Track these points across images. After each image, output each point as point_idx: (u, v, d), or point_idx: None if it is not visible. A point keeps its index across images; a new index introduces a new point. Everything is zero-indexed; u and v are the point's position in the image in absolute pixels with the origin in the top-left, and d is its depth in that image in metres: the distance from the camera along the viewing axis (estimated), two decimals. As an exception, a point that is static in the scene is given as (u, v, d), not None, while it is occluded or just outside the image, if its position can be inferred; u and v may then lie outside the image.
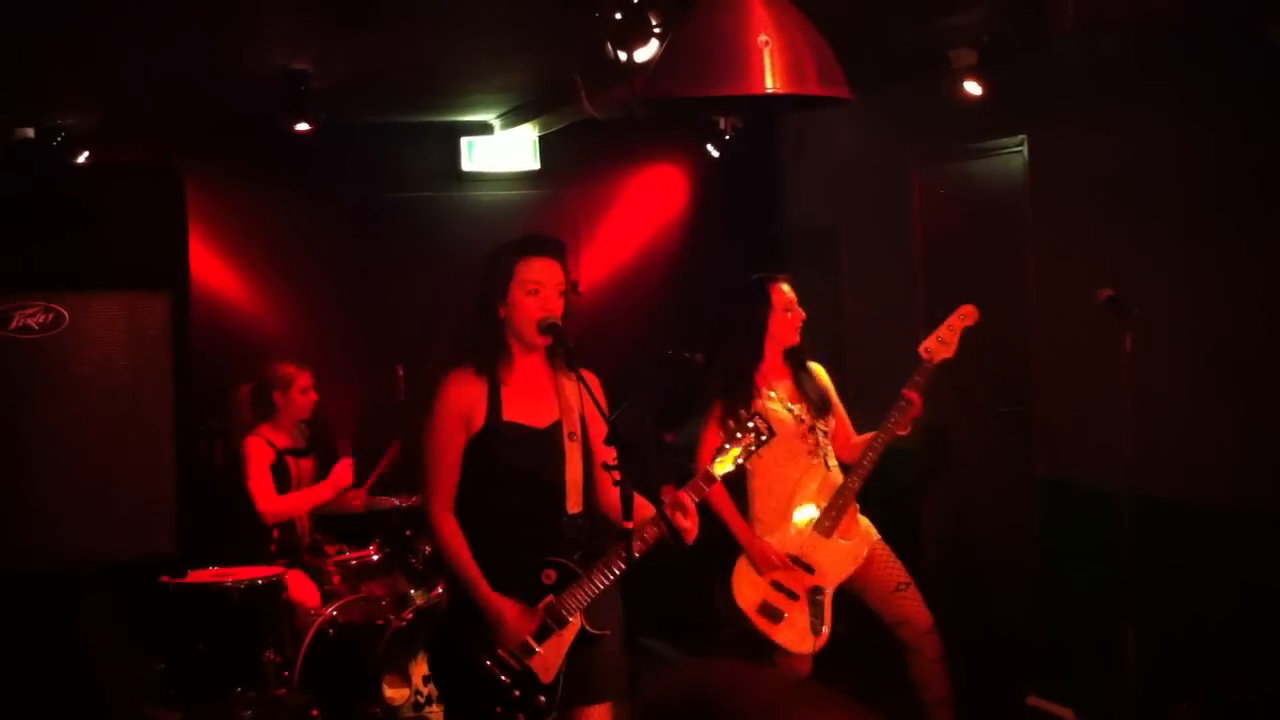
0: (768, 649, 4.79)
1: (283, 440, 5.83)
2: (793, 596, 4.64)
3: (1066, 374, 5.63)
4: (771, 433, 3.75)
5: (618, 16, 3.38)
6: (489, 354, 3.71)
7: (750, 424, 3.72)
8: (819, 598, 4.64)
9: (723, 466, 3.71)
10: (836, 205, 7.30)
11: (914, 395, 4.60)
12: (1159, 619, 4.64)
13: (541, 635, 3.66)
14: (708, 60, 2.60)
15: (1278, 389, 4.67)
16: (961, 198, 6.39)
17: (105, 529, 4.01)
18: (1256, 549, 4.72)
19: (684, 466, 6.26)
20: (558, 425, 3.74)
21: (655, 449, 6.93)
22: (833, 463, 4.78)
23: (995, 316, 6.11)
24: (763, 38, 2.52)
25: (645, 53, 3.37)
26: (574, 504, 3.74)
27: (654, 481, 6.37)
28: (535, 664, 3.67)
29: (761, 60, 2.52)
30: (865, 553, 4.71)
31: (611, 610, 3.79)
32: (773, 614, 4.64)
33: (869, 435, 4.75)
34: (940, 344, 4.65)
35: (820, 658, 4.69)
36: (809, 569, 4.65)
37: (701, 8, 2.69)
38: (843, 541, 4.69)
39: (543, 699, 3.67)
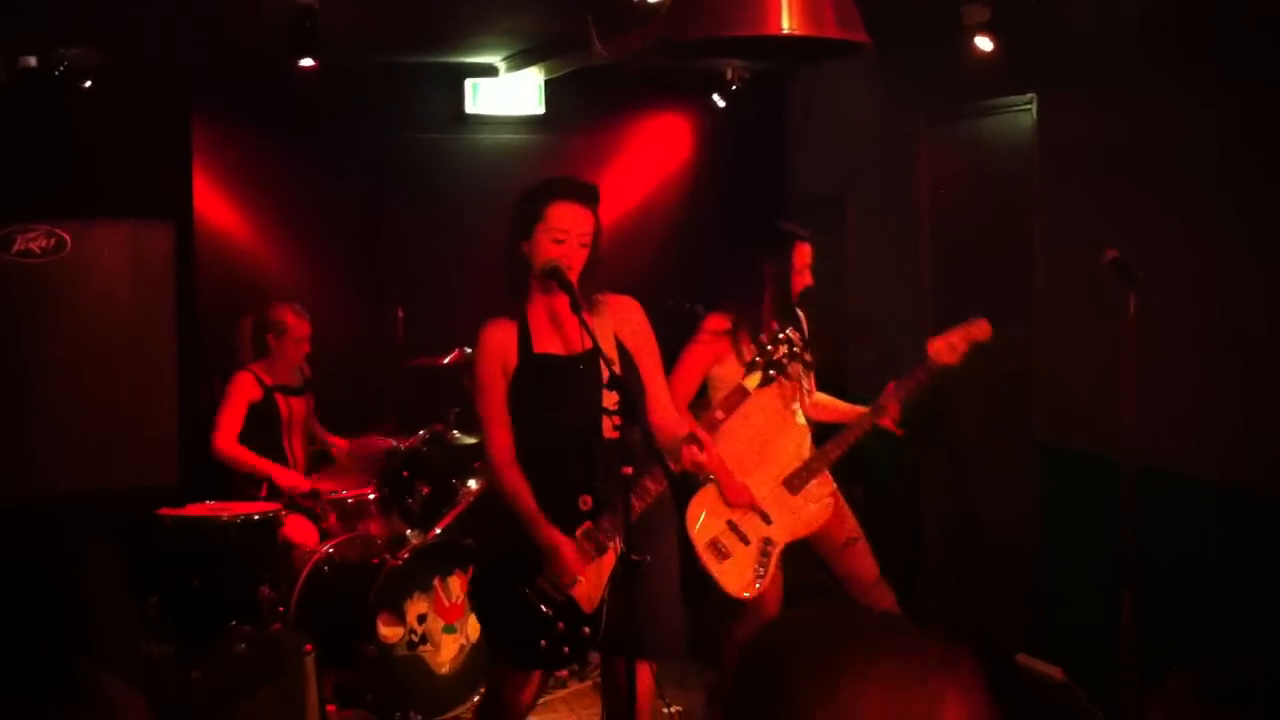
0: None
1: (275, 378, 5.85)
2: (744, 541, 4.66)
3: (1071, 338, 5.62)
4: (804, 346, 3.75)
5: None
6: (516, 292, 3.75)
7: (782, 337, 3.68)
8: (769, 549, 4.66)
9: (754, 380, 3.71)
10: (844, 165, 7.27)
11: (893, 407, 4.64)
12: (1156, 587, 4.66)
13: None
14: (723, 1, 2.58)
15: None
16: (969, 157, 6.36)
17: (106, 457, 3.99)
18: (1256, 520, 4.73)
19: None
20: (591, 353, 3.67)
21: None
22: (804, 419, 4.80)
23: (1001, 278, 6.13)
24: (781, -22, 2.51)
25: (659, -6, 3.34)
26: (610, 429, 3.72)
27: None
28: (578, 594, 3.71)
29: (779, 1, 2.50)
30: (824, 519, 4.74)
31: (660, 540, 3.81)
32: (720, 552, 4.66)
33: (834, 402, 4.81)
34: (949, 348, 4.65)
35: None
36: (766, 519, 4.68)
37: (718, -50, 2.66)
38: (806, 503, 4.71)
39: (587, 630, 3.71)
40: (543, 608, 3.68)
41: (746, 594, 4.62)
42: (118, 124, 4.25)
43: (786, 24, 2.49)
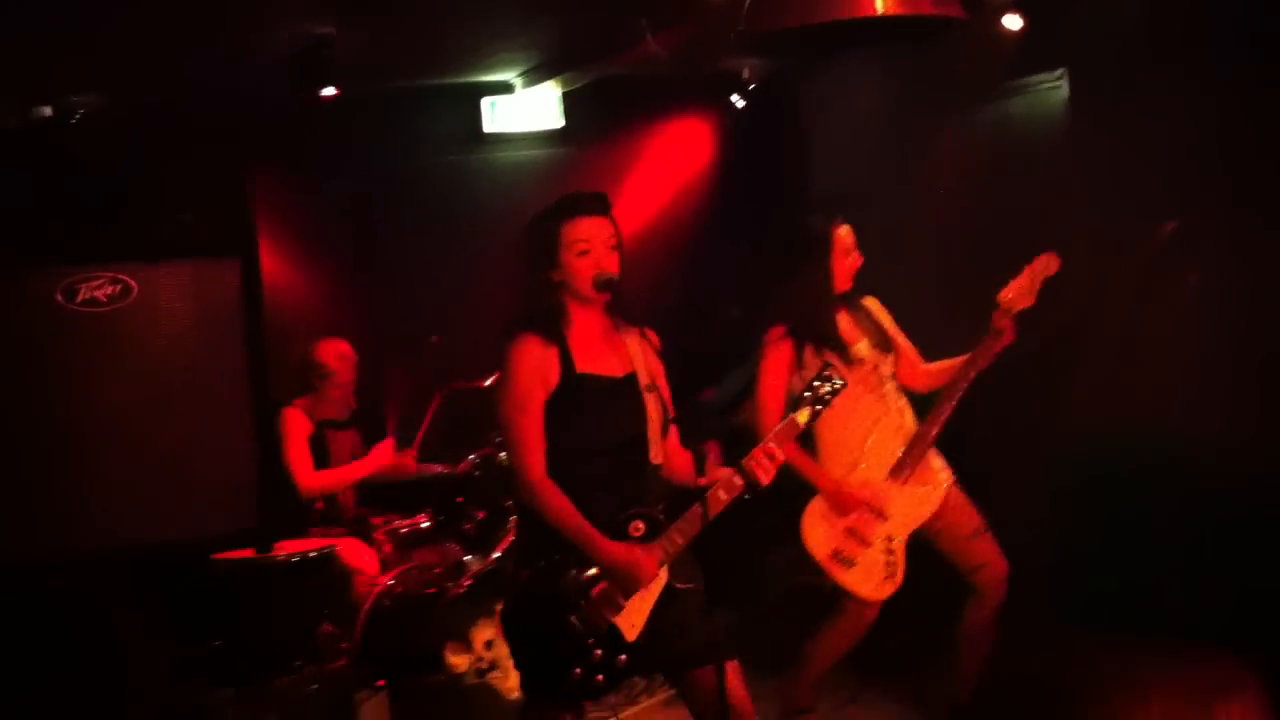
0: (830, 599, 4.75)
1: (322, 412, 5.79)
2: (865, 543, 4.59)
3: (1111, 319, 5.52)
4: (844, 383, 3.73)
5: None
6: (550, 319, 3.67)
7: (825, 373, 3.72)
8: (892, 545, 4.59)
9: (805, 415, 3.68)
10: (868, 156, 7.18)
11: (1006, 324, 4.50)
12: (1208, 580, 4.55)
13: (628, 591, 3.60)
14: (813, -14, 2.51)
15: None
16: (998, 139, 6.27)
17: (184, 507, 3.92)
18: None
19: (725, 423, 6.21)
20: (633, 376, 3.70)
21: (695, 407, 6.86)
22: (901, 402, 4.73)
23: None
24: (872, -41, 2.43)
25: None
26: (656, 455, 3.69)
27: (696, 440, 6.34)
28: (620, 621, 3.59)
29: (870, -19, 2.43)
30: (940, 499, 4.66)
31: (694, 566, 3.73)
32: (845, 561, 4.60)
33: (946, 362, 4.69)
34: (1020, 293, 4.53)
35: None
36: (882, 516, 4.60)
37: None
38: (918, 488, 4.64)
39: (624, 658, 3.60)
40: (583, 634, 3.57)
41: (881, 596, 4.58)
42: (173, 163, 4.19)
43: (880, 5, 2.42)
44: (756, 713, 3.72)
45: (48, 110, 6.21)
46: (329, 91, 5.83)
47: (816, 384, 3.71)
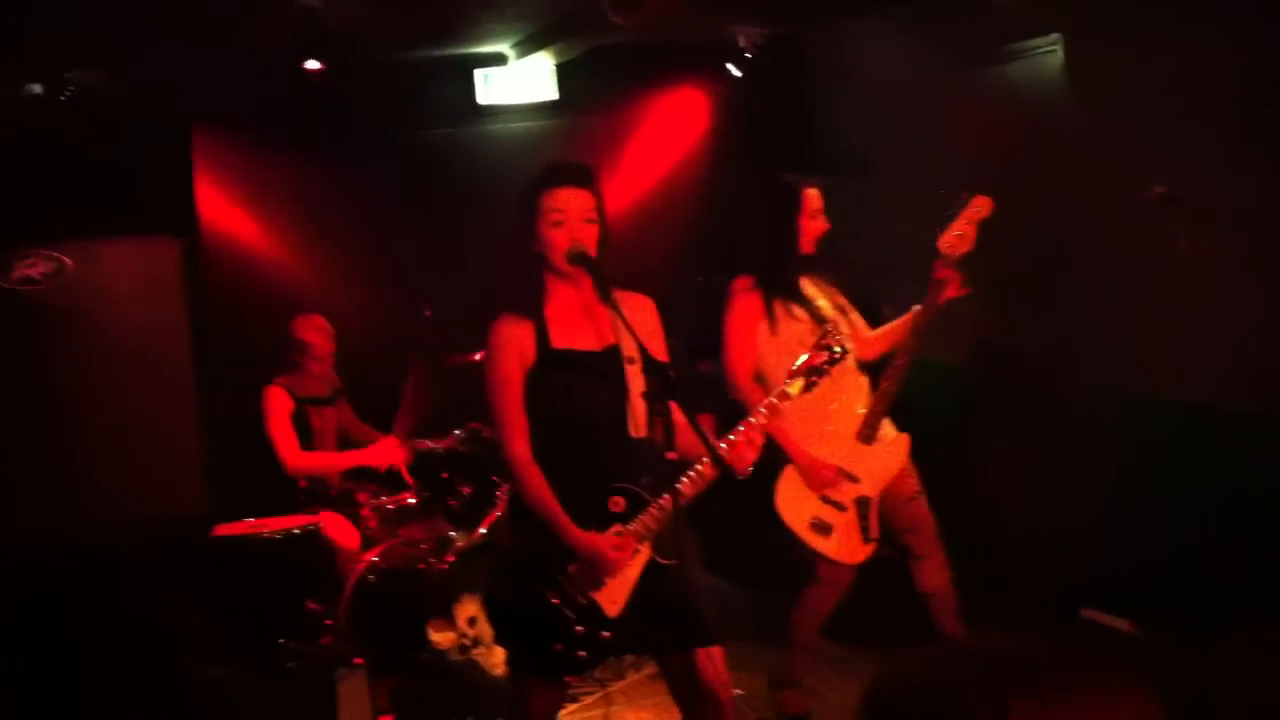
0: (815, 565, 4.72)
1: (304, 389, 5.74)
2: (840, 508, 4.57)
3: (1114, 280, 5.43)
4: (844, 350, 3.61)
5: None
6: (530, 292, 3.64)
7: (824, 340, 3.61)
8: (865, 507, 4.55)
9: (796, 386, 3.58)
10: (870, 122, 7.08)
11: (949, 273, 4.45)
12: (1222, 533, 4.48)
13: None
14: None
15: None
16: (998, 104, 6.16)
17: (127, 489, 3.86)
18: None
19: (722, 395, 6.14)
20: (613, 349, 3.62)
21: (692, 379, 6.79)
22: (857, 365, 4.69)
23: (1041, 224, 5.94)
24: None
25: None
26: (637, 428, 3.60)
27: (691, 412, 6.25)
28: (601, 597, 3.55)
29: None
30: (905, 454, 4.61)
31: (683, 539, 3.63)
32: (823, 528, 4.56)
33: (890, 325, 4.67)
34: (959, 238, 4.47)
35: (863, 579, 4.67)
36: (853, 478, 4.55)
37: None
38: (881, 445, 4.59)
39: (607, 634, 3.55)
40: (564, 610, 3.54)
41: (858, 559, 4.58)
42: (114, 140, 4.09)
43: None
44: (749, 684, 3.66)
45: (37, 88, 6.17)
46: (313, 65, 5.76)
47: (816, 352, 3.59)
